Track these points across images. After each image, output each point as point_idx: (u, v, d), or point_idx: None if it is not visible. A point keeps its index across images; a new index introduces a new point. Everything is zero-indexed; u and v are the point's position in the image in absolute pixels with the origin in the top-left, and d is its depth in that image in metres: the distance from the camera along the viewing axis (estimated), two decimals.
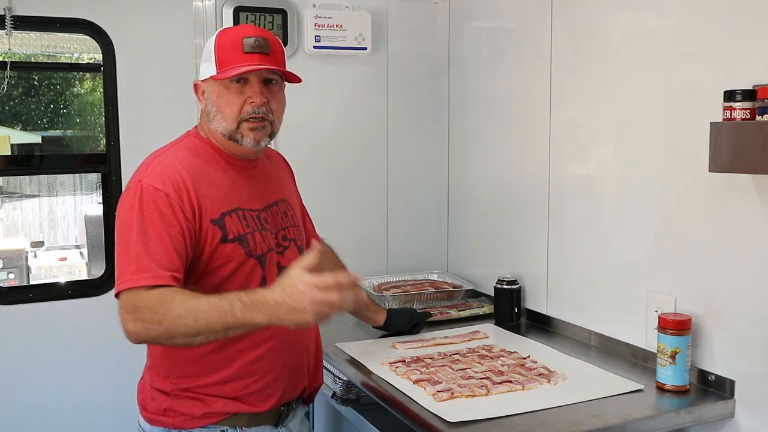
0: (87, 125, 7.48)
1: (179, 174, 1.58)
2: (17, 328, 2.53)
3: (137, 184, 1.57)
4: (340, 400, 2.14)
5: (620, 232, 2.10)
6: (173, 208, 1.55)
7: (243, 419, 1.66)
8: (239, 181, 1.70)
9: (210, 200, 1.61)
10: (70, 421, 2.60)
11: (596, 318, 2.20)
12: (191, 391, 1.64)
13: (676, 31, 1.90)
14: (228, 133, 1.66)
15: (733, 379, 1.77)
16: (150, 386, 1.71)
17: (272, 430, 1.72)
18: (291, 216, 1.83)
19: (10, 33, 2.41)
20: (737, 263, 1.74)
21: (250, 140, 1.66)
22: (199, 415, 1.64)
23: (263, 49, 1.63)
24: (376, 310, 2.25)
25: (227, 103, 1.64)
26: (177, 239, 1.53)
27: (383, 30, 2.91)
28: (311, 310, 1.35)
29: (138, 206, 1.54)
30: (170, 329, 1.43)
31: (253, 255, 1.65)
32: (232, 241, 1.62)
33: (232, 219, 1.64)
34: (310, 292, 1.35)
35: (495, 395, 1.78)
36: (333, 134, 2.88)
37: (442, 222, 3.05)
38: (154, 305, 1.44)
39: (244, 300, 1.40)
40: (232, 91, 1.64)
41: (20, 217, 8.56)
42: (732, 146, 1.59)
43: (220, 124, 1.66)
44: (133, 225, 1.53)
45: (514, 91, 2.56)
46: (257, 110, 1.64)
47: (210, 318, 1.40)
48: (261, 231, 1.69)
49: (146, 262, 1.49)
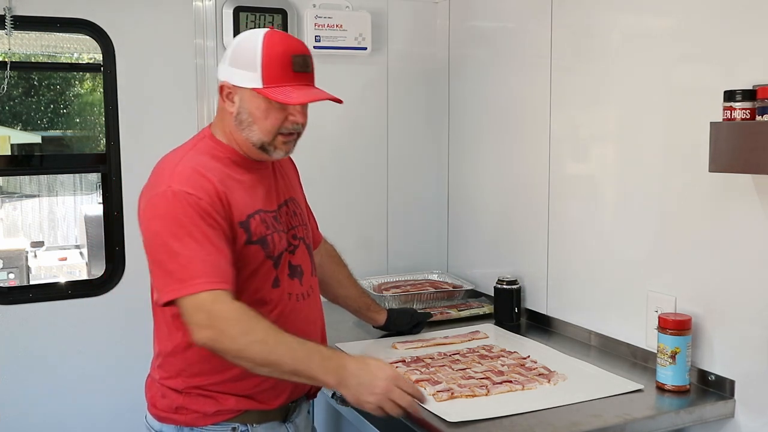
0: (87, 125, 7.48)
1: (207, 178, 1.58)
2: (17, 328, 2.53)
3: (167, 190, 1.55)
4: (340, 400, 2.11)
5: (620, 232, 2.10)
6: (209, 212, 1.55)
7: (253, 416, 1.67)
8: (256, 182, 1.71)
9: (236, 203, 1.62)
10: (70, 421, 2.60)
11: (596, 318, 2.20)
12: (204, 388, 1.65)
13: (676, 31, 1.90)
14: (261, 143, 1.66)
15: (733, 379, 1.77)
16: (160, 384, 1.70)
17: (280, 426, 1.73)
18: (299, 215, 1.84)
19: (10, 33, 2.41)
20: (737, 263, 1.74)
21: (281, 152, 1.69)
22: (212, 412, 1.65)
23: (308, 67, 1.66)
24: (377, 310, 2.25)
25: (269, 117, 1.64)
26: (221, 239, 1.55)
27: (383, 30, 2.91)
28: (378, 399, 1.49)
29: (174, 212, 1.53)
30: (243, 350, 1.49)
31: (271, 256, 1.67)
32: (255, 243, 1.64)
33: (255, 221, 1.65)
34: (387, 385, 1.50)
35: (495, 395, 1.78)
36: (333, 134, 2.88)
37: (442, 222, 3.05)
38: (235, 320, 1.49)
39: (324, 355, 1.52)
40: (275, 107, 1.63)
41: (20, 217, 8.57)
42: (732, 146, 1.59)
43: (255, 134, 1.66)
44: (174, 231, 1.52)
45: (514, 91, 2.56)
46: (296, 127, 1.67)
47: (284, 358, 1.49)
48: (278, 232, 1.70)
49: (204, 267, 1.50)
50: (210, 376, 1.64)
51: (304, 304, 1.75)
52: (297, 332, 1.67)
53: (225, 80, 1.66)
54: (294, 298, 1.72)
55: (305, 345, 1.52)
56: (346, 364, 1.52)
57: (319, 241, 2.13)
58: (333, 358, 1.54)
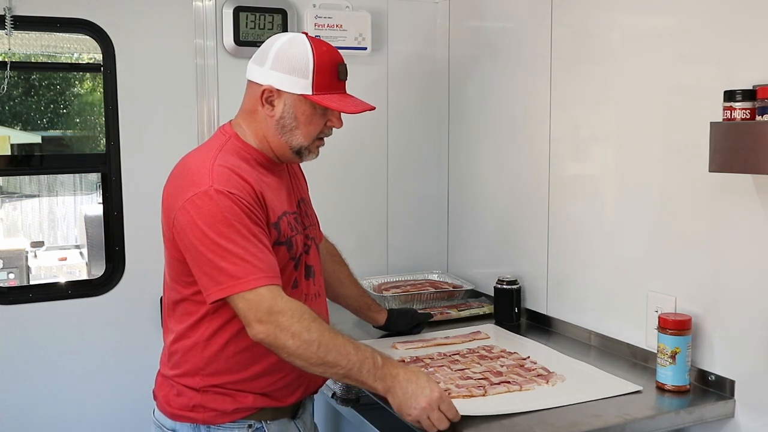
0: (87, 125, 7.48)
1: (244, 179, 1.60)
2: (17, 328, 2.53)
3: (210, 189, 1.55)
4: (340, 400, 2.14)
5: (620, 232, 2.10)
6: (252, 210, 1.57)
7: (268, 413, 1.70)
8: (279, 184, 1.74)
9: (269, 204, 1.64)
10: (70, 422, 2.60)
11: (596, 318, 2.20)
12: (223, 386, 1.66)
13: (676, 31, 1.90)
14: (299, 147, 1.71)
15: (733, 379, 1.77)
16: (175, 382, 1.70)
17: (290, 423, 1.75)
18: (311, 215, 1.87)
19: (10, 33, 2.41)
20: (737, 263, 1.74)
21: (314, 156, 1.77)
22: (230, 410, 1.66)
23: (347, 75, 1.74)
24: (377, 310, 2.25)
25: (312, 123, 1.70)
26: (266, 238, 1.58)
27: (383, 30, 2.91)
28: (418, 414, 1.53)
29: (222, 211, 1.54)
30: (299, 347, 1.51)
31: (294, 257, 1.70)
32: (282, 244, 1.66)
33: (284, 222, 1.68)
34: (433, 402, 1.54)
35: (492, 395, 1.78)
36: (333, 134, 2.87)
37: (442, 222, 3.05)
38: (296, 317, 1.52)
39: (377, 362, 1.55)
40: (318, 113, 1.70)
41: (20, 217, 8.57)
42: (732, 146, 1.58)
43: (297, 139, 1.70)
44: (222, 230, 1.53)
45: (514, 91, 2.56)
46: (329, 133, 1.75)
47: (339, 360, 1.53)
48: (299, 233, 1.73)
49: (254, 264, 1.52)
50: (229, 375, 1.66)
51: (317, 303, 1.78)
52: None
53: (270, 84, 1.67)
54: (310, 299, 1.75)
55: (360, 350, 1.55)
56: (398, 373, 1.56)
57: (320, 240, 2.13)
58: (385, 365, 1.56)
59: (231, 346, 1.65)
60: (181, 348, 1.70)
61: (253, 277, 1.51)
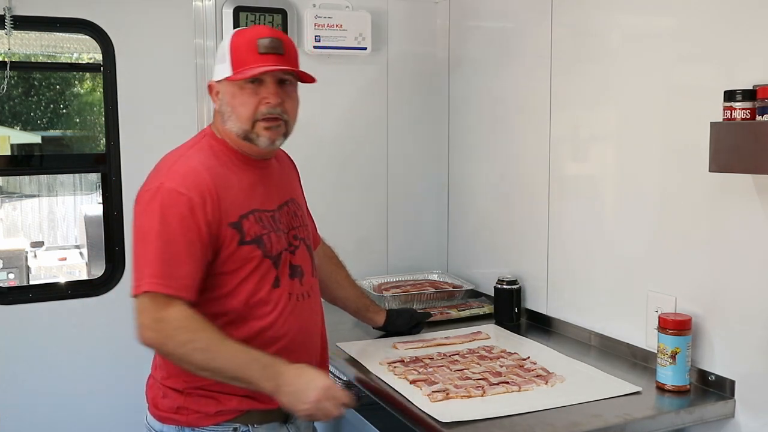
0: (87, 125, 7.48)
1: (202, 177, 1.60)
2: (17, 328, 2.52)
3: (159, 187, 1.58)
4: None
5: (620, 232, 2.10)
6: (194, 213, 1.57)
7: (255, 416, 1.68)
8: (255, 181, 1.72)
9: (229, 203, 1.63)
10: (70, 422, 2.60)
11: (596, 318, 2.20)
12: (205, 389, 1.65)
13: (676, 31, 1.90)
14: (243, 133, 1.67)
15: (733, 379, 1.77)
16: (161, 384, 1.71)
17: (281, 427, 1.73)
18: (300, 215, 1.85)
19: (10, 33, 2.41)
20: (737, 263, 1.74)
21: (265, 139, 1.67)
22: (213, 412, 1.65)
23: (278, 49, 1.65)
24: (376, 311, 2.25)
25: (242, 103, 1.65)
26: (195, 245, 1.57)
27: (383, 30, 2.91)
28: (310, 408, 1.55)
29: (159, 210, 1.56)
30: (185, 355, 1.55)
31: (269, 255, 1.68)
32: (249, 243, 1.65)
33: (249, 221, 1.66)
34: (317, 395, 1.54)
35: (491, 396, 1.78)
36: (333, 134, 2.88)
37: (442, 222, 3.05)
38: (180, 327, 1.54)
39: (264, 363, 1.56)
40: (247, 92, 1.65)
41: (20, 217, 8.56)
42: (732, 146, 1.59)
43: (235, 124, 1.67)
44: (154, 229, 1.56)
45: (514, 91, 2.56)
46: (272, 110, 1.66)
47: (226, 364, 1.55)
48: (276, 231, 1.71)
49: (165, 269, 1.55)
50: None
51: (305, 304, 1.76)
52: (298, 331, 1.70)
53: (209, 80, 1.72)
54: (294, 298, 1.73)
55: (247, 353, 1.56)
56: (284, 372, 1.57)
57: (318, 242, 2.13)
58: (272, 365, 1.57)
59: None
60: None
61: (154, 281, 1.54)
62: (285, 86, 1.68)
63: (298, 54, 1.73)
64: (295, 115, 1.73)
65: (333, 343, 2.18)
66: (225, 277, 1.63)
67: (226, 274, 1.63)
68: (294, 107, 1.71)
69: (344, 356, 2.11)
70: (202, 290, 1.61)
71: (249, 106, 1.65)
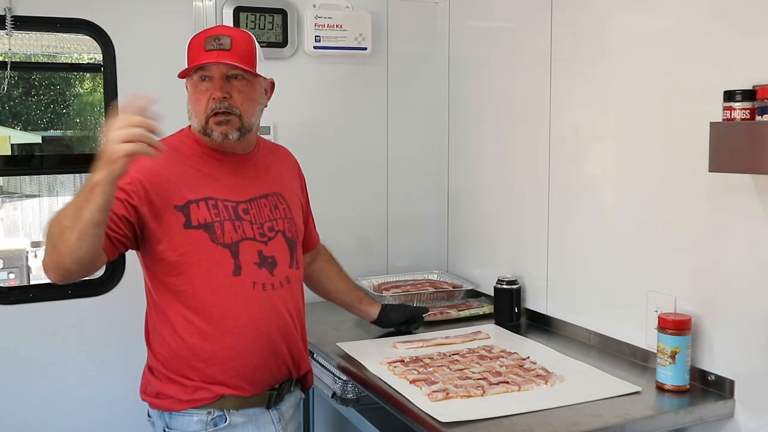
0: (87, 125, 7.48)
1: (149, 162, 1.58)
2: (17, 328, 2.52)
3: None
4: (340, 400, 2.14)
5: (620, 232, 2.10)
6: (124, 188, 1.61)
7: (230, 402, 1.72)
8: (220, 173, 1.77)
9: (177, 187, 1.69)
10: (70, 422, 2.60)
11: (596, 318, 2.20)
12: (178, 374, 1.70)
13: (675, 31, 1.90)
14: (200, 129, 1.74)
15: (733, 379, 1.77)
16: (148, 370, 1.78)
17: (263, 413, 1.77)
18: (282, 209, 1.86)
19: (10, 33, 2.41)
20: (737, 263, 1.74)
21: (217, 134, 1.73)
22: (186, 398, 1.70)
23: (223, 46, 1.70)
24: (370, 303, 2.26)
25: (196, 100, 1.74)
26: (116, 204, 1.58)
27: (383, 30, 2.91)
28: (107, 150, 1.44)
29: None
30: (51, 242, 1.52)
31: (220, 242, 1.71)
32: (196, 228, 1.69)
33: (199, 207, 1.70)
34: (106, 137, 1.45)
35: (490, 396, 1.78)
36: (333, 134, 2.88)
37: (442, 222, 3.05)
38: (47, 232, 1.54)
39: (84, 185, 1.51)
40: (200, 89, 1.73)
41: (20, 217, 8.56)
42: (732, 146, 1.58)
43: (194, 121, 1.76)
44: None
45: (514, 91, 2.56)
46: (219, 105, 1.71)
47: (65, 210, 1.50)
48: (233, 221, 1.73)
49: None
50: (183, 362, 1.70)
51: (274, 294, 1.77)
52: (261, 320, 1.73)
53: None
54: (260, 287, 1.74)
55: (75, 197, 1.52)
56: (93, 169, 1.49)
57: (317, 243, 2.14)
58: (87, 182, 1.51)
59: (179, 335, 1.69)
60: (149, 336, 1.79)
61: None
62: (233, 81, 1.73)
63: (256, 52, 1.76)
64: (251, 109, 1.76)
65: (333, 343, 2.19)
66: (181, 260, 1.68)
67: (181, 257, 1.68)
68: (245, 101, 1.74)
69: (345, 356, 2.11)
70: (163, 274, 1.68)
71: (201, 103, 1.73)
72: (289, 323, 1.80)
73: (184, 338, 1.70)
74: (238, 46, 1.71)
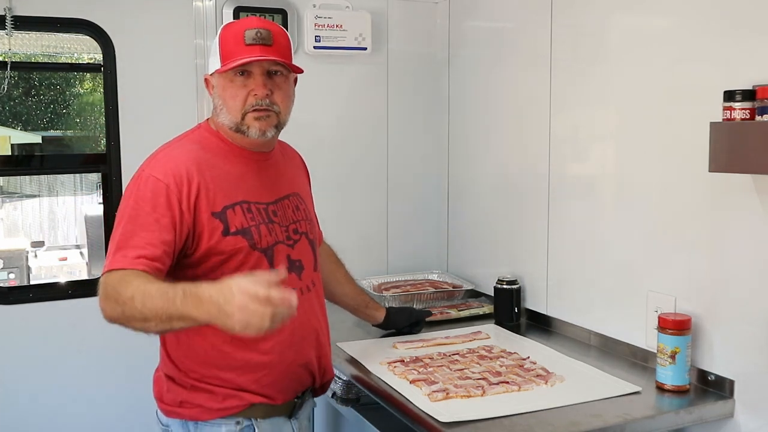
0: (87, 125, 7.49)
1: (184, 166, 1.60)
2: (17, 328, 2.53)
3: (140, 175, 1.61)
4: (340, 400, 2.14)
5: (620, 232, 2.10)
6: (170, 199, 1.56)
7: (258, 411, 1.67)
8: (248, 173, 1.71)
9: (213, 193, 1.62)
10: (70, 422, 2.60)
11: (596, 318, 2.20)
12: (206, 382, 1.64)
13: (675, 31, 1.90)
14: (234, 125, 1.67)
15: (733, 379, 1.77)
16: (165, 378, 1.70)
17: (285, 423, 1.73)
18: (303, 210, 1.83)
19: (10, 33, 2.41)
20: (737, 263, 1.74)
21: (255, 130, 1.67)
22: (216, 407, 1.64)
23: (265, 40, 1.63)
24: (375, 308, 2.25)
25: (232, 96, 1.66)
26: (166, 228, 1.55)
27: (383, 30, 2.91)
28: (239, 318, 1.32)
29: (135, 195, 1.58)
30: (125, 310, 1.44)
31: (258, 247, 1.66)
32: (234, 234, 1.63)
33: (235, 212, 1.64)
34: (241, 299, 1.31)
35: (490, 396, 1.78)
36: (333, 134, 2.88)
37: (442, 222, 3.05)
38: (115, 285, 1.47)
39: (186, 291, 1.39)
40: (237, 84, 1.65)
41: (20, 217, 8.57)
42: (732, 146, 1.59)
43: (227, 116, 1.68)
44: (126, 213, 1.57)
45: (514, 91, 2.56)
46: (260, 102, 1.65)
47: (156, 304, 1.40)
48: (267, 224, 1.69)
49: (125, 249, 1.51)
50: (212, 370, 1.64)
51: (303, 298, 1.73)
52: (297, 326, 1.67)
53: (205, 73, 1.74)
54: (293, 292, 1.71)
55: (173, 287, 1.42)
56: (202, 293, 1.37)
57: (321, 240, 2.13)
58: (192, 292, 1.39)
59: (209, 341, 1.62)
60: (167, 342, 1.71)
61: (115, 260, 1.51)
62: (275, 78, 1.68)
63: (291, 46, 1.72)
64: (288, 107, 1.72)
65: (333, 343, 2.19)
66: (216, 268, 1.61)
67: (216, 265, 1.61)
68: (284, 98, 1.70)
69: (344, 356, 2.11)
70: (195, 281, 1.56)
71: (238, 99, 1.65)
72: (318, 329, 1.78)
73: (216, 345, 1.63)
74: (278, 41, 1.66)
